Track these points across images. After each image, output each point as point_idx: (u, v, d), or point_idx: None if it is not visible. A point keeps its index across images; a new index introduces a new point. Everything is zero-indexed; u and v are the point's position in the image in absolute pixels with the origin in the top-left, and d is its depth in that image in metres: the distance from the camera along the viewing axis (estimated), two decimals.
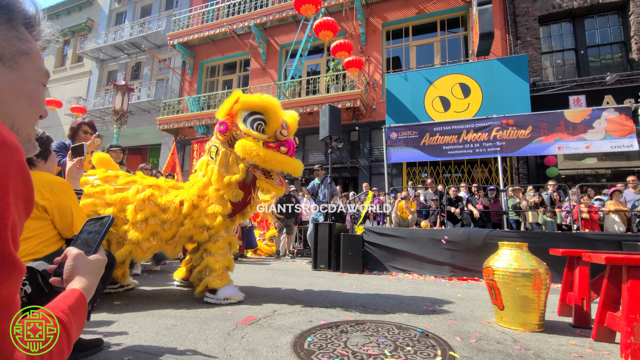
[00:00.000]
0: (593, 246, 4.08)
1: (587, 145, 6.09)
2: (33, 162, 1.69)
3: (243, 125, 2.65)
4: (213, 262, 2.75)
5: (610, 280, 1.92)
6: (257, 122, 2.67)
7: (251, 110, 2.68)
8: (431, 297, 3.19)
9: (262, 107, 2.67)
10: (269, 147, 2.68)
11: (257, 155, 2.58)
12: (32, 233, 1.57)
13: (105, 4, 16.02)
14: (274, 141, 2.73)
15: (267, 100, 2.68)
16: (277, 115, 2.70)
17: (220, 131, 2.78)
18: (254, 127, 2.66)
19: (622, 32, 8.74)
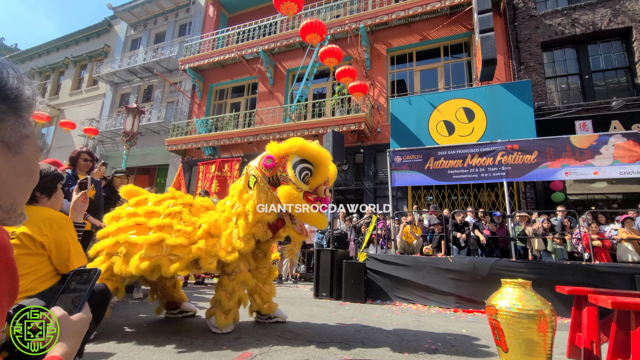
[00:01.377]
0: (604, 279, 3.93)
1: (595, 171, 5.98)
2: (36, 198, 1.72)
3: (291, 171, 2.63)
4: (224, 299, 2.77)
5: (618, 325, 1.84)
6: (304, 172, 2.68)
7: (304, 157, 2.69)
8: (434, 333, 3.07)
9: (315, 159, 2.70)
10: (308, 200, 2.68)
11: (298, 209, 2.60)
12: (28, 269, 1.56)
13: (122, 31, 16.80)
14: (313, 193, 2.72)
15: (321, 154, 2.71)
16: (326, 171, 2.74)
17: (265, 165, 2.70)
18: (301, 176, 2.66)
19: (627, 57, 8.78)
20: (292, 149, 2.66)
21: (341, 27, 10.69)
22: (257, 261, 3.12)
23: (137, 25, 16.55)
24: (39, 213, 1.63)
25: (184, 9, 15.45)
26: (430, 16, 10.25)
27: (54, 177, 1.78)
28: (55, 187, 1.78)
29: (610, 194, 8.65)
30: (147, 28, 16.21)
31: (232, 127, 12.05)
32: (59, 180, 1.81)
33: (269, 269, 3.23)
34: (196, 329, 2.91)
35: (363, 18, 10.41)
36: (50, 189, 1.76)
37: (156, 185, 14.38)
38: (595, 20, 8.82)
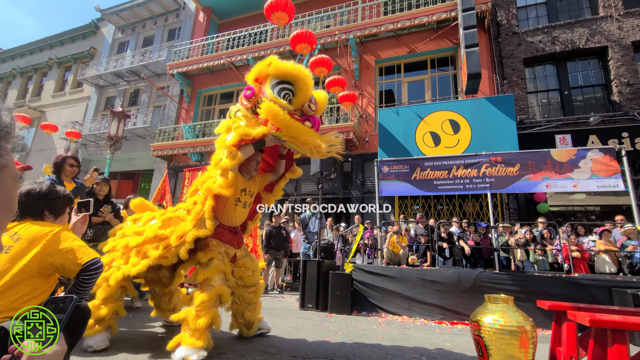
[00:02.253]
0: (584, 291, 4.03)
1: (574, 184, 6.17)
2: (43, 216, 1.72)
3: (270, 92, 2.47)
4: (193, 319, 2.34)
5: (596, 341, 1.88)
6: (285, 92, 2.47)
7: (281, 78, 2.49)
8: (419, 347, 3.08)
9: (293, 76, 2.48)
10: (293, 119, 2.47)
11: (283, 120, 2.37)
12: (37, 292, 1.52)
13: (109, 34, 16.55)
14: (299, 114, 2.54)
15: (298, 70, 2.49)
16: (308, 87, 2.52)
17: (245, 96, 2.60)
18: (281, 96, 2.46)
19: (603, 75, 9.19)
20: (264, 70, 2.51)
21: (331, 38, 10.82)
22: (244, 279, 2.97)
23: (125, 29, 16.34)
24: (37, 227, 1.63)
25: (173, 13, 15.37)
26: (418, 30, 10.51)
27: (66, 201, 1.82)
28: (63, 210, 1.82)
29: (588, 206, 8.95)
30: (136, 31, 16.02)
31: None
32: (70, 204, 1.85)
33: (256, 288, 3.05)
34: None
35: (352, 29, 10.58)
36: (59, 211, 1.79)
37: (140, 190, 14.07)
38: (573, 38, 9.22)
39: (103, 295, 2.62)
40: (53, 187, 1.78)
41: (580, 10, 9.82)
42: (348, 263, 5.34)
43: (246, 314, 2.99)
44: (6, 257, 1.45)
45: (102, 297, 2.63)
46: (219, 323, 2.51)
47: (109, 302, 2.64)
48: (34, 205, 1.69)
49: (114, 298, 2.68)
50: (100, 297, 2.63)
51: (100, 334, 2.54)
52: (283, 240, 7.08)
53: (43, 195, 1.72)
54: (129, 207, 4.85)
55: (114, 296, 2.67)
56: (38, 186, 1.73)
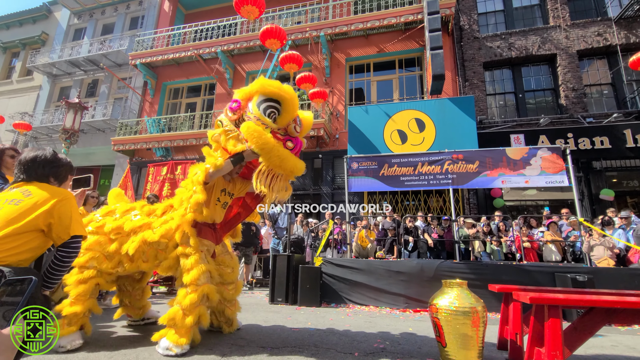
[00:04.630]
0: (531, 277, 4.42)
1: (526, 180, 6.69)
2: (49, 181, 1.86)
3: (255, 109, 2.50)
4: (180, 317, 2.40)
5: (536, 318, 2.10)
6: (270, 109, 2.50)
7: (268, 96, 2.53)
8: (383, 333, 3.23)
9: (280, 96, 2.51)
10: (276, 138, 2.49)
11: (258, 140, 2.37)
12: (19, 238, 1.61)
13: (63, 19, 15.39)
14: (282, 134, 2.56)
15: (286, 90, 2.54)
16: (294, 108, 2.56)
17: (231, 108, 2.63)
18: (267, 114, 2.49)
19: (553, 80, 9.98)
20: (254, 87, 2.58)
21: (302, 34, 10.83)
22: (223, 276, 2.97)
23: (81, 14, 15.28)
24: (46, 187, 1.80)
25: (136, 1, 14.60)
26: (387, 30, 10.79)
27: (69, 168, 1.96)
28: (66, 177, 1.96)
29: (539, 201, 9.71)
30: (94, 18, 15.04)
31: (187, 128, 11.57)
32: (71, 172, 2.00)
33: (235, 285, 3.07)
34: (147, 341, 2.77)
35: (323, 27, 10.65)
36: (63, 177, 1.93)
37: (100, 187, 13.29)
38: (527, 45, 9.92)
39: (76, 293, 2.55)
40: (56, 154, 1.91)
41: (533, 19, 10.58)
42: (317, 257, 5.44)
43: (227, 311, 3.00)
44: (15, 209, 1.63)
45: (75, 295, 2.55)
46: (206, 320, 2.58)
47: (83, 300, 2.57)
48: (41, 172, 1.82)
49: (88, 295, 2.60)
50: (73, 295, 2.56)
51: (73, 334, 2.47)
52: (252, 237, 7.04)
53: (49, 162, 1.84)
54: (86, 204, 4.61)
55: (88, 293, 2.60)
56: (42, 153, 1.85)
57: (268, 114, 2.50)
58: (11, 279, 0.75)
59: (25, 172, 1.80)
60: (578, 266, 5.03)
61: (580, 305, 2.06)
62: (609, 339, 3.32)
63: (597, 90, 9.77)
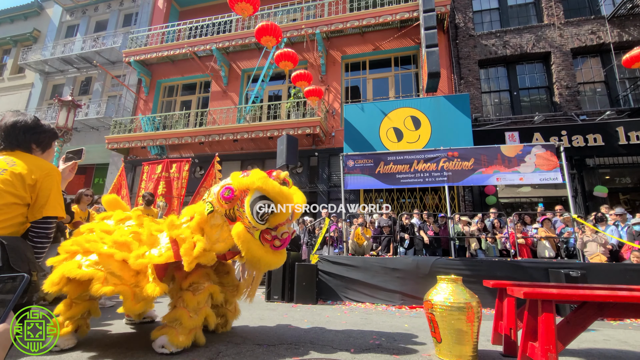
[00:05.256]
0: (526, 273, 4.46)
1: (520, 177, 6.74)
2: (30, 149, 1.75)
3: (249, 211, 2.52)
4: (186, 318, 2.41)
5: (530, 312, 2.12)
6: (263, 211, 2.54)
7: (265, 194, 2.55)
8: (379, 330, 3.25)
9: (276, 199, 2.56)
10: (264, 239, 2.58)
11: (248, 250, 2.49)
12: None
13: (55, 16, 15.18)
14: (272, 229, 2.63)
15: (283, 194, 2.58)
16: (288, 213, 2.62)
17: (224, 197, 2.59)
18: (259, 216, 2.53)
19: (547, 78, 10.05)
20: (253, 185, 2.55)
21: (297, 31, 10.79)
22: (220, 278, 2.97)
23: (74, 11, 15.08)
24: (31, 159, 1.69)
25: None
26: (383, 28, 10.78)
27: (52, 135, 1.84)
28: (50, 144, 1.84)
29: (533, 197, 9.79)
30: (87, 15, 14.85)
31: (182, 126, 11.50)
32: (55, 139, 1.88)
33: (235, 285, 3.07)
34: (143, 339, 2.76)
35: (319, 24, 10.62)
36: (46, 145, 1.81)
37: (94, 186, 13.18)
38: (522, 43, 9.97)
39: (75, 294, 2.52)
40: (38, 120, 1.80)
41: (528, 17, 10.63)
42: (314, 254, 5.44)
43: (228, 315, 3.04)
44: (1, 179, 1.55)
45: (74, 296, 2.52)
46: (213, 320, 2.61)
47: (80, 301, 2.55)
48: (22, 139, 1.71)
49: (86, 297, 2.57)
50: (72, 295, 2.52)
51: (67, 335, 2.46)
52: None
53: (30, 128, 1.73)
54: (80, 202, 4.57)
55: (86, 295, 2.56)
56: (23, 118, 1.73)
57: (261, 215, 2.54)
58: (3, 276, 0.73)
59: (5, 139, 1.69)
60: (571, 262, 5.09)
61: (573, 300, 2.09)
62: (602, 333, 3.36)
63: (590, 88, 9.86)
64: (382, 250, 7.06)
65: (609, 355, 2.65)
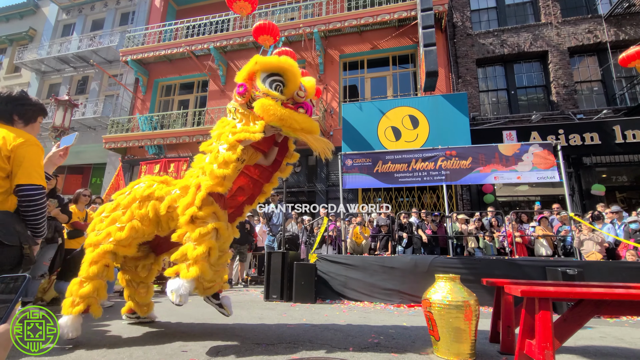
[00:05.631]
0: (523, 271, 4.48)
1: (518, 176, 6.77)
2: (12, 120, 1.71)
3: (262, 85, 2.64)
4: (191, 249, 2.40)
5: (527, 310, 2.13)
6: (275, 83, 2.65)
7: (270, 71, 2.67)
8: (378, 328, 3.26)
9: (280, 68, 2.66)
10: (288, 108, 2.64)
11: (275, 113, 2.53)
12: None
13: (51, 15, 15.09)
14: (292, 103, 2.70)
15: (285, 61, 2.67)
16: (296, 77, 2.69)
17: (239, 93, 2.74)
18: (273, 87, 2.64)
19: (544, 77, 10.09)
20: (255, 67, 2.69)
21: (295, 30, 10.77)
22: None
23: (70, 10, 14.99)
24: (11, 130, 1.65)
25: None
26: (380, 27, 10.78)
27: (37, 109, 1.79)
28: (34, 118, 1.79)
29: (531, 196, 9.84)
30: (83, 13, 14.77)
31: (179, 126, 11.47)
32: (41, 114, 1.83)
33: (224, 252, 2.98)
34: (141, 340, 2.76)
35: (317, 23, 10.61)
36: (29, 118, 1.77)
37: (91, 185, 13.12)
38: (519, 42, 10.00)
39: (86, 273, 2.59)
40: (24, 93, 1.79)
41: (525, 16, 10.66)
42: (312, 254, 5.45)
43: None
44: None
45: (84, 274, 2.59)
46: (215, 253, 2.53)
47: (92, 280, 2.59)
48: (3, 108, 1.69)
49: (97, 276, 2.61)
50: (82, 273, 2.59)
51: (75, 320, 2.51)
52: (247, 234, 7.03)
53: (13, 99, 1.71)
54: (78, 202, 4.56)
55: (98, 274, 2.61)
56: (8, 90, 1.74)
57: (274, 87, 2.64)
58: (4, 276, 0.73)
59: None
60: (568, 260, 5.12)
61: (569, 298, 2.10)
62: (598, 331, 3.39)
63: (587, 87, 9.90)
64: (381, 249, 7.08)
65: (605, 352, 2.67)
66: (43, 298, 4.11)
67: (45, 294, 4.14)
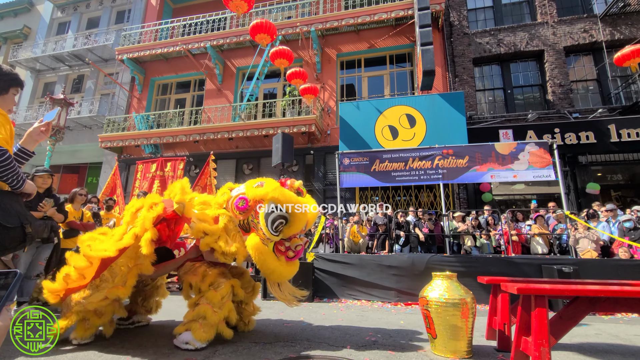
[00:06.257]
0: (519, 269, 4.51)
1: (514, 174, 6.80)
2: None
3: (263, 222, 2.48)
4: (210, 313, 2.44)
5: (523, 307, 2.15)
6: (278, 221, 2.50)
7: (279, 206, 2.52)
8: (375, 327, 3.27)
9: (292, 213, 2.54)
10: (278, 251, 2.58)
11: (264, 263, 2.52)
12: None
13: (46, 12, 14.95)
14: (287, 240, 2.61)
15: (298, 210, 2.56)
16: (302, 223, 2.59)
17: (237, 207, 2.59)
18: (274, 227, 2.48)
19: (540, 76, 10.14)
20: (267, 196, 2.50)
21: (292, 29, 10.75)
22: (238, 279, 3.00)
23: (65, 8, 14.86)
24: None
25: None
26: (378, 26, 10.78)
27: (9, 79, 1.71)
28: (5, 89, 1.71)
29: (527, 194, 9.89)
30: (78, 11, 14.64)
31: (176, 125, 11.42)
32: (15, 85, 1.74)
33: (252, 286, 3.12)
34: (137, 340, 2.75)
35: (314, 22, 10.59)
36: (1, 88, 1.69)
37: (87, 185, 13.05)
38: (515, 41, 10.04)
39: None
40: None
41: (521, 15, 10.70)
42: (310, 252, 5.45)
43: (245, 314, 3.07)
44: None
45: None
46: (234, 316, 2.64)
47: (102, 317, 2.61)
48: None
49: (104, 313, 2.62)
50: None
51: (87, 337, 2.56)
52: None
53: None
54: (74, 201, 4.52)
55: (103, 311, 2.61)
56: None
57: (275, 226, 2.50)
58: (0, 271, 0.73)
59: None
60: (564, 258, 5.16)
61: (565, 295, 2.12)
62: (593, 328, 3.42)
63: (583, 86, 9.97)
64: (378, 247, 7.09)
65: (600, 349, 2.69)
66: (39, 298, 4.08)
67: (40, 294, 4.11)
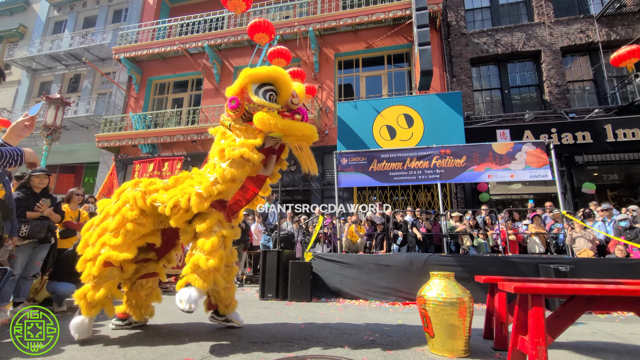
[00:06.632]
0: (516, 268, 4.53)
1: (511, 174, 6.83)
2: None
3: (256, 97, 2.62)
4: (203, 261, 2.39)
5: (520, 306, 2.16)
6: (269, 93, 2.64)
7: (261, 82, 2.66)
8: (373, 326, 3.27)
9: (271, 77, 2.65)
10: (285, 117, 2.64)
11: (276, 125, 2.54)
12: None
13: (42, 11, 14.86)
14: (287, 110, 2.70)
15: (275, 70, 2.66)
16: (287, 84, 2.68)
17: (231, 107, 2.69)
18: (267, 98, 2.62)
19: (537, 76, 10.19)
20: (245, 80, 2.66)
21: (290, 29, 10.74)
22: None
23: (61, 6, 14.78)
24: None
25: None
26: (375, 26, 10.79)
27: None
28: None
29: (524, 194, 9.94)
30: (75, 10, 14.57)
31: (173, 124, 11.39)
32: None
33: (231, 267, 3.05)
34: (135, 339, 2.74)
35: (312, 21, 10.58)
36: None
37: (84, 185, 12.98)
38: (513, 42, 10.08)
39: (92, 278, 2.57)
40: None
41: (519, 15, 10.75)
42: (307, 252, 5.45)
43: (221, 294, 3.01)
44: None
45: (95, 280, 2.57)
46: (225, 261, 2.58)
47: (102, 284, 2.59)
48: None
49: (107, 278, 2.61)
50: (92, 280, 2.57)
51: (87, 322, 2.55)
52: (242, 233, 7.00)
53: None
54: (71, 201, 4.50)
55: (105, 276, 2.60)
56: None
57: (268, 98, 2.63)
58: None
59: None
60: (561, 257, 5.19)
61: (562, 294, 2.13)
62: (589, 327, 3.44)
63: (579, 87, 10.02)
64: (376, 247, 7.10)
65: (596, 347, 2.71)
66: (35, 298, 4.06)
67: (37, 295, 4.09)
